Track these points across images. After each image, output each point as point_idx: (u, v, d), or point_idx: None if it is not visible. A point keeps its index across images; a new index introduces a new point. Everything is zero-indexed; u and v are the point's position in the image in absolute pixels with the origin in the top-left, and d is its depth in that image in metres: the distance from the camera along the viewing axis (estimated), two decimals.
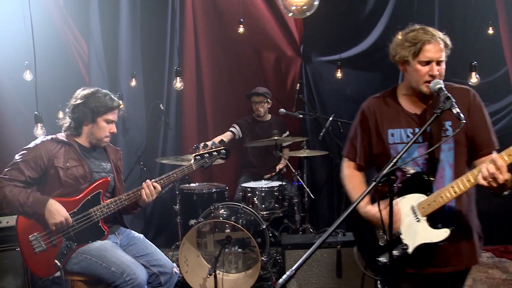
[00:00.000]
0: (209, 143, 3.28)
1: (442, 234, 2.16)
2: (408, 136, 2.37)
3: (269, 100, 5.28)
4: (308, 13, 2.12)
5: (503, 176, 1.97)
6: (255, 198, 4.46)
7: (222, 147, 3.29)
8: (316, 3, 2.10)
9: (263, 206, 4.45)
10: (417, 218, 2.22)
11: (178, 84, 4.69)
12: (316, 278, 3.75)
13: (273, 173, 5.04)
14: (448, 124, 2.31)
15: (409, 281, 2.35)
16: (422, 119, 2.35)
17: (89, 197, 2.93)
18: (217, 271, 4.17)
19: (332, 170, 5.18)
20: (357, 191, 2.49)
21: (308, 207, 4.82)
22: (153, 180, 3.01)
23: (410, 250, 2.19)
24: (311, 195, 4.70)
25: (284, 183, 4.63)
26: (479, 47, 5.73)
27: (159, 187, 3.01)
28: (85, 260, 2.84)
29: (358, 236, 2.57)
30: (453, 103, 2.06)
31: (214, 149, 3.25)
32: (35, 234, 2.82)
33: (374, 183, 1.90)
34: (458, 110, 2.05)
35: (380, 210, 2.04)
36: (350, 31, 5.87)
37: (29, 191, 2.82)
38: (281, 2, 2.15)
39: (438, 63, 2.28)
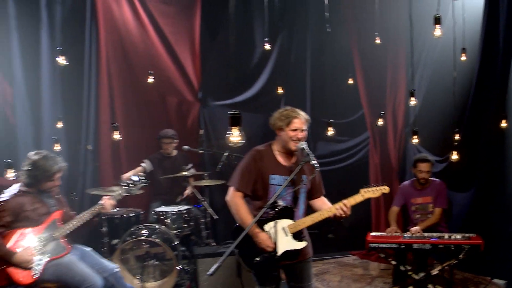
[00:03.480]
0: (127, 174, 4.74)
1: (302, 244, 3.47)
2: (283, 181, 3.44)
3: (175, 140, 6.26)
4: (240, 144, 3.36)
5: (349, 212, 3.38)
6: (167, 220, 5.45)
7: (144, 178, 4.49)
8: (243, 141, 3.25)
9: (174, 226, 5.44)
10: (286, 234, 3.43)
11: (115, 136, 5.55)
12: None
13: (183, 198, 6.11)
14: (304, 177, 3.54)
15: (284, 269, 3.58)
16: (290, 169, 3.46)
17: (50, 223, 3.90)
18: (136, 281, 5.09)
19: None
20: (249, 215, 3.40)
21: (210, 225, 5.89)
22: (106, 197, 4.11)
23: (279, 254, 3.35)
24: (214, 216, 5.80)
25: (190, 207, 5.69)
26: (342, 94, 7.30)
27: (112, 201, 4.12)
28: (58, 270, 3.78)
29: (242, 245, 3.20)
30: (312, 157, 3.32)
31: (138, 180, 4.40)
32: None
33: (264, 209, 3.12)
34: (315, 162, 3.30)
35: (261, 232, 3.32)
36: (239, 80, 7.02)
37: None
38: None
39: (302, 131, 3.48)
